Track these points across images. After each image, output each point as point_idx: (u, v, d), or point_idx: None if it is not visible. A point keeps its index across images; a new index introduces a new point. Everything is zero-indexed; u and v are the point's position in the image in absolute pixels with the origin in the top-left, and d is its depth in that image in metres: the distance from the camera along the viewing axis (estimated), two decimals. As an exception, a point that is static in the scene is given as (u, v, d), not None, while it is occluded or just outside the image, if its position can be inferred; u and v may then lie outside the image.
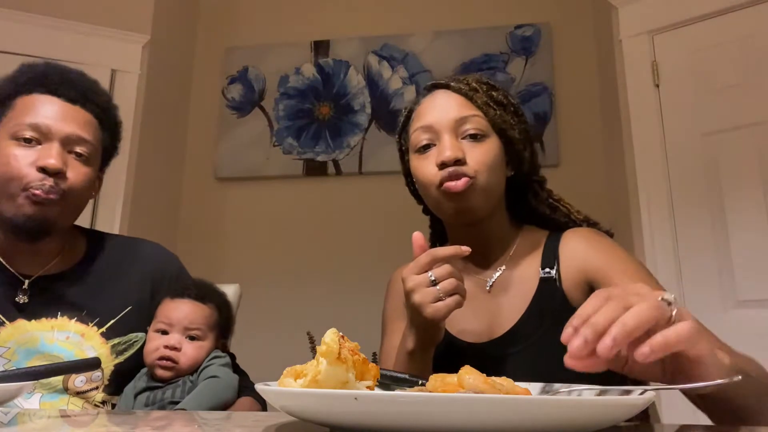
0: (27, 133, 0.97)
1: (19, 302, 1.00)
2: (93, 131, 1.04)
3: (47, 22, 2.35)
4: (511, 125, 0.97)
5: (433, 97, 1.00)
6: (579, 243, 0.95)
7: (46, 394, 0.98)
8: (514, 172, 1.00)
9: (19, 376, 0.73)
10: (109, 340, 1.03)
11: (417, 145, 0.96)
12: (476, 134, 0.94)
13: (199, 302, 1.04)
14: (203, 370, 0.99)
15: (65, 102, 1.01)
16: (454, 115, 0.94)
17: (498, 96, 0.98)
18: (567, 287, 0.92)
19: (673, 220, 2.05)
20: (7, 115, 1.00)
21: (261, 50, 2.85)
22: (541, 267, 0.96)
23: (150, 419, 0.66)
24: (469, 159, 0.91)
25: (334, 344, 0.52)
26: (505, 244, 1.00)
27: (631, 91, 2.20)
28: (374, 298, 2.44)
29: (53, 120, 0.98)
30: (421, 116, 0.98)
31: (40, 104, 1.00)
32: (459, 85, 0.98)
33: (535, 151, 1.02)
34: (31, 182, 0.95)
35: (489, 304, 0.96)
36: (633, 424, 0.61)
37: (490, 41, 2.66)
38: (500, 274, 0.98)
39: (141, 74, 2.45)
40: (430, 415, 0.44)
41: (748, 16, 2.02)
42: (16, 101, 1.01)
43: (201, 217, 2.76)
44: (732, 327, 1.87)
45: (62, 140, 0.98)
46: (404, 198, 1.11)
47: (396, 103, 2.69)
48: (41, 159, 0.96)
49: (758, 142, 1.94)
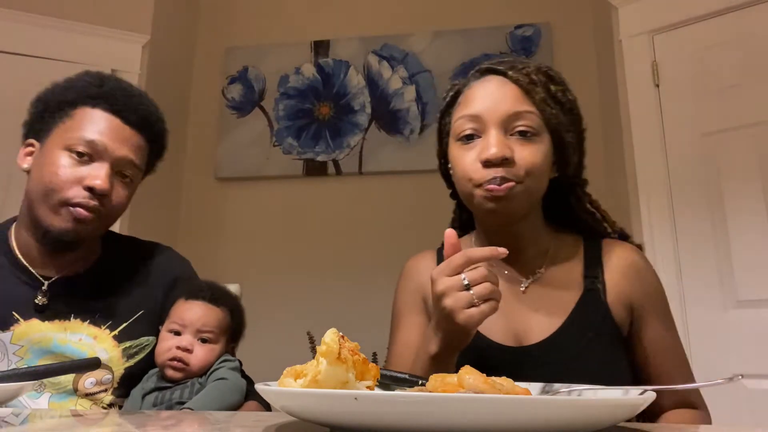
0: (81, 148, 0.97)
1: (39, 304, 1.00)
2: (142, 156, 1.05)
3: (47, 22, 2.35)
4: (566, 127, 0.90)
5: (486, 83, 0.89)
6: (630, 267, 0.90)
7: (55, 395, 0.98)
8: (558, 174, 0.93)
9: (19, 376, 0.73)
10: (120, 343, 1.04)
11: (460, 133, 0.88)
12: (527, 132, 0.85)
13: (213, 305, 1.04)
14: (212, 372, 0.99)
15: (125, 124, 1.01)
16: (506, 108, 0.86)
17: (557, 92, 0.89)
18: (612, 301, 0.88)
19: (673, 220, 2.04)
20: (65, 123, 1.00)
21: (261, 50, 2.85)
22: (584, 275, 0.90)
23: (155, 419, 0.66)
24: (518, 159, 0.84)
25: (334, 344, 0.52)
26: (541, 246, 0.94)
27: (631, 91, 2.20)
28: (374, 297, 2.44)
29: (110, 140, 0.98)
30: (469, 102, 0.89)
31: (101, 121, 0.99)
32: (517, 75, 0.88)
33: (584, 154, 0.96)
34: (74, 199, 0.95)
35: (522, 306, 0.90)
36: (633, 424, 0.61)
37: (490, 41, 2.66)
38: (538, 276, 0.92)
39: (141, 74, 2.44)
40: (430, 415, 0.44)
41: (748, 16, 2.02)
42: (76, 111, 1.00)
43: (201, 217, 2.76)
44: (732, 327, 1.87)
45: (114, 162, 0.99)
46: (404, 198, 1.11)
47: (396, 103, 2.69)
48: (90, 179, 0.96)
49: (758, 142, 1.94)
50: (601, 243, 0.94)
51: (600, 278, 0.89)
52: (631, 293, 0.89)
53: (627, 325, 0.90)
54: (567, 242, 0.95)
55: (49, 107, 1.02)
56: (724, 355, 1.86)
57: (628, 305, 0.89)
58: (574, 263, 0.92)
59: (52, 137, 1.00)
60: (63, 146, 0.98)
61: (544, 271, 0.92)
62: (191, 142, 2.84)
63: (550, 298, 0.89)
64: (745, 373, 0.93)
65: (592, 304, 0.88)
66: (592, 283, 0.89)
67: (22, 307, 0.99)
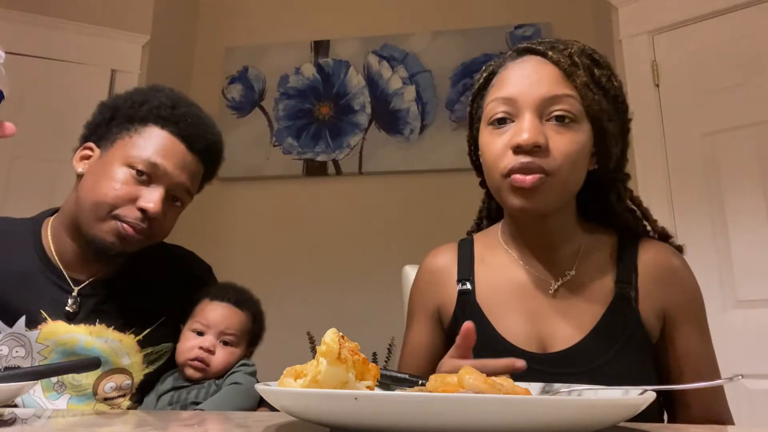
0: (143, 167, 0.97)
1: (69, 311, 1.00)
2: (197, 182, 1.06)
3: (47, 22, 2.35)
4: (609, 115, 0.82)
5: (523, 64, 0.83)
6: (666, 272, 0.85)
7: (74, 397, 0.98)
8: (598, 166, 0.85)
9: (20, 376, 0.73)
10: (143, 348, 1.03)
11: (492, 116, 0.82)
12: (565, 117, 0.78)
13: (237, 308, 1.05)
14: (229, 375, 1.00)
15: (189, 151, 1.01)
16: (544, 91, 0.79)
17: (601, 77, 0.82)
18: (644, 309, 0.82)
19: (673, 221, 2.04)
20: (132, 138, 0.99)
21: (261, 50, 2.85)
22: (617, 279, 0.84)
23: (156, 419, 0.66)
24: (552, 146, 0.77)
25: (334, 344, 0.52)
26: (574, 244, 0.87)
27: (631, 91, 2.20)
28: (374, 297, 2.43)
29: (172, 166, 0.98)
30: (503, 84, 0.82)
31: (167, 144, 0.99)
32: (558, 56, 0.81)
33: (627, 146, 0.89)
34: (125, 216, 0.95)
35: (550, 311, 0.85)
36: (633, 424, 0.61)
37: (490, 41, 2.66)
38: (568, 278, 0.86)
39: (141, 74, 2.45)
40: (430, 415, 0.44)
41: (748, 16, 2.01)
42: (145, 128, 1.00)
43: (201, 217, 2.76)
44: (732, 327, 1.87)
45: (170, 186, 0.99)
46: (404, 198, 1.10)
47: (396, 103, 2.69)
48: (145, 201, 0.96)
49: (758, 142, 1.94)
50: (638, 244, 0.88)
51: (633, 284, 0.84)
52: (665, 300, 0.84)
53: (657, 332, 0.85)
54: (601, 242, 0.89)
55: (117, 117, 1.02)
56: (723, 355, 1.84)
57: (661, 312, 0.84)
58: (606, 265, 0.86)
59: (114, 148, 0.99)
60: (124, 161, 0.97)
61: (575, 272, 0.86)
62: (191, 142, 2.84)
63: (579, 304, 0.84)
64: (745, 373, 0.93)
65: (622, 312, 0.82)
66: (624, 288, 0.83)
67: (51, 308, 0.99)
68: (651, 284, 0.84)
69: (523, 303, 0.86)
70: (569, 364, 0.80)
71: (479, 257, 0.94)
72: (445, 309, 0.93)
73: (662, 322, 0.85)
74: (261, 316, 1.11)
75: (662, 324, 0.85)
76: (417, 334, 0.96)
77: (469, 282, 0.91)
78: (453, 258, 0.95)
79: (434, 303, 0.95)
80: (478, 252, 0.94)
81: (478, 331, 0.73)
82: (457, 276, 0.93)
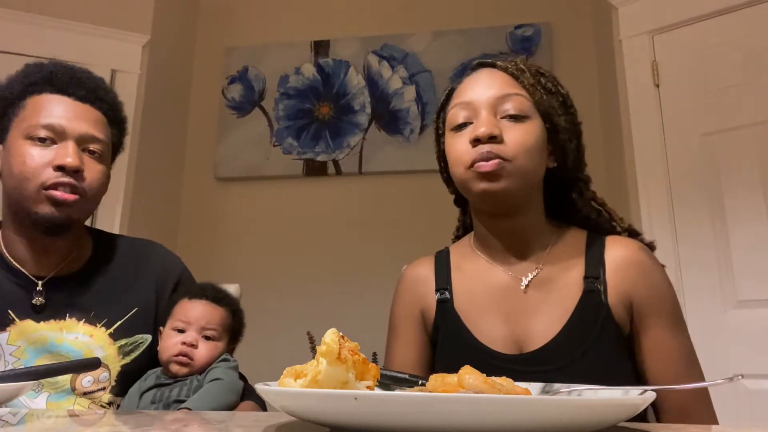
0: (41, 133, 0.97)
1: (36, 304, 1.00)
2: (104, 129, 1.05)
3: (47, 22, 2.34)
4: (557, 112, 0.91)
5: (477, 76, 0.94)
6: (631, 264, 0.87)
7: (53, 394, 0.98)
8: (557, 164, 0.93)
9: (19, 376, 0.73)
10: (116, 341, 1.04)
11: (453, 123, 0.91)
12: (517, 115, 0.87)
13: (216, 304, 1.06)
14: (209, 371, 1.00)
15: (76, 101, 1.02)
16: (495, 92, 0.89)
17: (546, 82, 0.92)
18: (613, 302, 0.86)
19: (673, 220, 2.04)
20: (19, 116, 1.00)
21: (261, 50, 2.85)
22: (585, 274, 0.88)
23: (154, 419, 0.66)
24: (507, 139, 0.85)
25: (334, 344, 0.52)
26: (543, 242, 0.92)
27: (631, 91, 2.20)
28: (374, 297, 2.44)
29: (66, 120, 0.99)
30: (461, 93, 0.93)
31: (52, 104, 1.00)
32: (506, 64, 0.93)
33: (582, 146, 0.96)
34: (48, 180, 0.96)
35: (523, 306, 0.89)
36: (633, 424, 0.61)
37: (490, 41, 2.66)
38: (537, 273, 0.90)
39: (141, 74, 2.45)
40: (430, 415, 0.44)
41: (748, 16, 2.01)
42: (26, 101, 1.01)
43: (201, 217, 2.76)
44: (732, 327, 1.87)
45: (77, 139, 0.99)
46: (404, 198, 1.11)
47: (396, 103, 2.69)
48: (58, 158, 0.96)
49: (758, 142, 1.94)
50: (605, 240, 0.92)
51: (601, 278, 0.87)
52: (632, 293, 0.86)
53: (628, 326, 0.87)
54: (569, 239, 0.93)
55: (1, 108, 1.02)
56: (724, 355, 1.85)
57: (629, 305, 0.86)
58: (575, 261, 0.90)
59: (11, 134, 1.00)
60: (23, 136, 0.98)
61: (543, 267, 0.90)
62: (191, 142, 2.84)
63: (551, 300, 0.87)
64: (745, 373, 0.92)
65: (592, 307, 0.85)
66: (592, 283, 0.86)
67: (17, 308, 0.99)
68: (618, 278, 0.87)
69: (498, 304, 0.88)
70: (545, 362, 0.83)
71: (455, 266, 0.98)
72: (428, 315, 0.96)
73: (630, 314, 0.87)
74: (240, 312, 1.11)
75: (630, 317, 0.87)
76: (403, 351, 0.98)
77: (447, 291, 0.95)
78: (430, 268, 0.99)
79: (418, 308, 0.98)
80: (454, 261, 0.99)
81: (456, 339, 0.79)
82: (435, 285, 0.97)
